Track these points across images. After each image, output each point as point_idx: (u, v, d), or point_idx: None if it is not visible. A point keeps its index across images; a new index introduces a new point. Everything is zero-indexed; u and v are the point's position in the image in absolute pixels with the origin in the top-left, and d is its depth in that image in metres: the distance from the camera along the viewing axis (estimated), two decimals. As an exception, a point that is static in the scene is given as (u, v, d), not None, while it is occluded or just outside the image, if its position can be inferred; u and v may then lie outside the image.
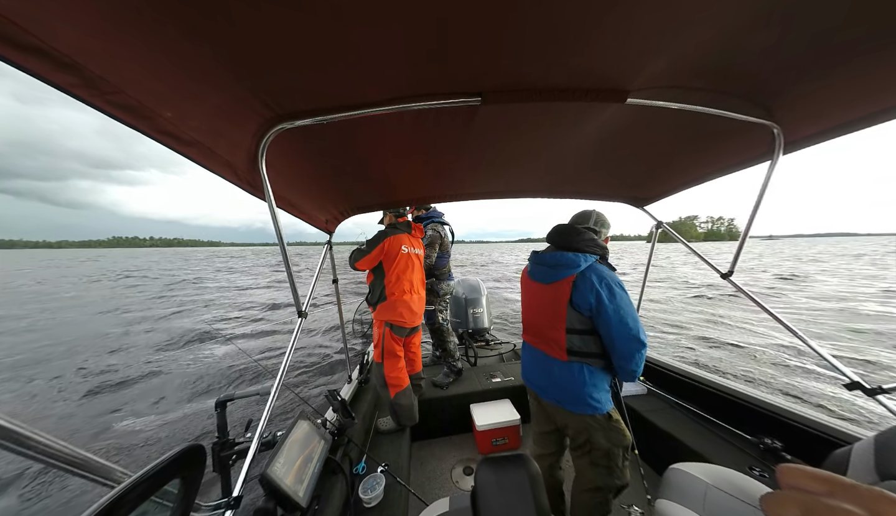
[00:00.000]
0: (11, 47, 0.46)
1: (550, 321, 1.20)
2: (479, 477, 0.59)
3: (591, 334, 1.13)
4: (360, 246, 1.89)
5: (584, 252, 1.17)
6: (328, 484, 1.28)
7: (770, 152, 1.06)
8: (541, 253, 1.31)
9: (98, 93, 0.56)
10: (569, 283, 1.13)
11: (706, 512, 0.98)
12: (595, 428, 1.15)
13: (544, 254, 1.28)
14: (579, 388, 1.14)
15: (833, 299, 10.43)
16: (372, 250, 1.80)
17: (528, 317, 1.36)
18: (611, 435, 1.15)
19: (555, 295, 1.18)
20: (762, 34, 0.64)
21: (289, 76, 0.68)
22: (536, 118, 0.97)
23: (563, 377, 1.17)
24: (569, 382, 1.16)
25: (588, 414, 1.15)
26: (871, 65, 0.71)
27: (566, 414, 1.20)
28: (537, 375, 1.29)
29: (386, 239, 1.81)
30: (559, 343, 1.17)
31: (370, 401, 2.08)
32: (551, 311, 1.19)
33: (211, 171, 0.87)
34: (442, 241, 2.41)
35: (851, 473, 0.84)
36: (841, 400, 3.82)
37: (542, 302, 1.25)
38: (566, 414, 1.20)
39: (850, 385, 1.12)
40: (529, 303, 1.36)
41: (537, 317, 1.28)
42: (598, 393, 1.14)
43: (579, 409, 1.15)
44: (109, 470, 0.67)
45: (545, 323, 1.23)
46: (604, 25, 0.58)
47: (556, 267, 1.19)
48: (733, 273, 1.39)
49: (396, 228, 1.92)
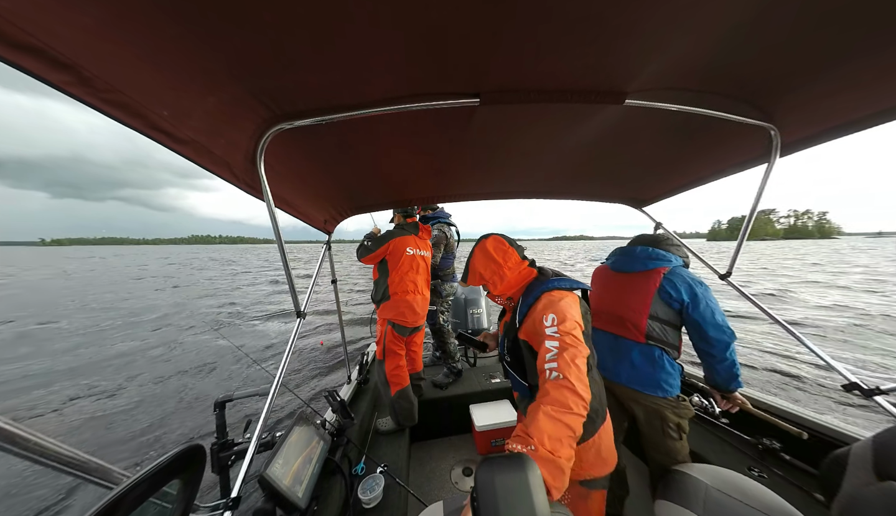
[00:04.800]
0: (8, 46, 0.45)
1: (634, 306, 1.30)
2: (479, 478, 0.59)
3: (672, 327, 1.25)
4: (367, 241, 1.92)
5: (672, 254, 1.32)
6: (327, 484, 1.28)
7: (767, 154, 1.06)
8: (628, 247, 1.43)
9: (93, 91, 0.56)
10: (659, 275, 1.26)
11: (706, 512, 0.98)
12: (665, 407, 1.27)
13: (633, 248, 1.40)
14: (656, 372, 1.25)
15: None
16: (377, 248, 1.85)
17: (601, 305, 1.44)
18: (680, 411, 1.28)
19: (643, 283, 1.29)
20: (759, 36, 0.64)
21: (288, 76, 0.68)
22: (535, 119, 0.97)
23: (640, 360, 1.28)
24: (646, 365, 1.27)
25: (660, 397, 1.26)
26: (868, 67, 0.71)
27: (637, 394, 1.30)
28: (607, 357, 1.37)
29: (392, 239, 1.84)
30: (639, 327, 1.27)
31: (369, 402, 2.08)
32: (637, 298, 1.30)
33: (207, 170, 0.86)
34: (447, 242, 2.40)
35: (850, 474, 0.84)
36: (840, 400, 3.83)
37: (626, 289, 1.35)
38: (636, 395, 1.30)
39: (847, 386, 1.12)
40: (606, 291, 1.44)
41: (615, 304, 1.38)
42: (672, 378, 1.27)
43: (652, 391, 1.26)
44: (108, 472, 0.67)
45: (627, 308, 1.32)
46: (601, 27, 0.58)
47: (647, 259, 1.32)
48: (731, 274, 1.39)
49: (404, 229, 1.94)
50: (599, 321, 1.44)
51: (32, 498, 2.63)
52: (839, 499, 0.82)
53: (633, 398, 1.32)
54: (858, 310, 9.15)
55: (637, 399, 1.31)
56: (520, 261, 1.04)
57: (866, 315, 8.65)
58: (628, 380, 1.30)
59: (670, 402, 1.27)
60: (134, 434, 3.52)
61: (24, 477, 2.81)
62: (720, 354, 1.19)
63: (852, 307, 9.58)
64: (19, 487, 2.74)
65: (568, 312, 0.86)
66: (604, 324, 1.42)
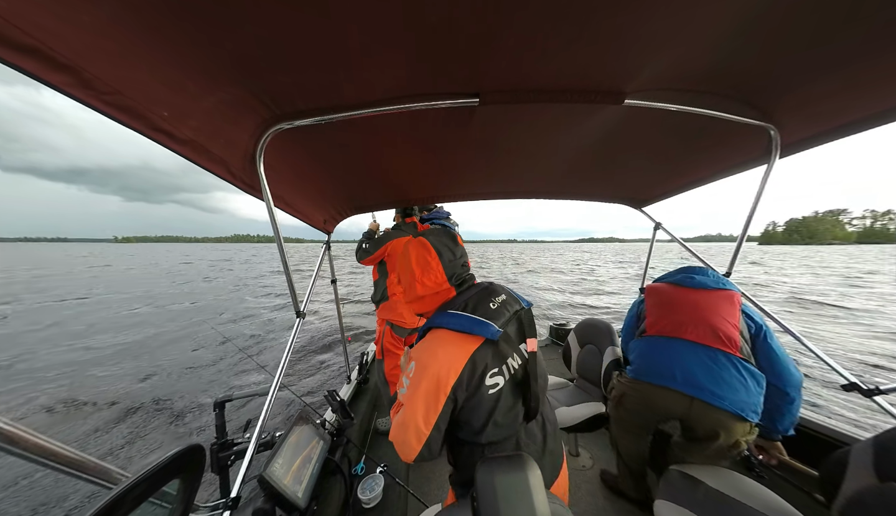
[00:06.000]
0: (10, 49, 0.46)
1: (726, 316, 1.18)
2: (479, 478, 0.59)
3: (750, 349, 1.15)
4: (364, 243, 1.93)
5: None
6: (327, 484, 1.28)
7: (767, 154, 1.06)
8: (696, 267, 1.38)
9: (94, 93, 0.56)
10: (739, 296, 1.23)
11: (705, 512, 0.98)
12: (743, 431, 1.10)
13: (701, 268, 1.37)
14: (752, 395, 1.09)
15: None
16: (375, 251, 1.86)
17: (679, 311, 1.28)
18: (750, 437, 1.13)
19: (726, 298, 1.22)
20: (759, 37, 0.64)
21: (287, 76, 0.68)
22: (534, 119, 0.97)
23: (732, 375, 1.10)
24: (737, 381, 1.09)
25: (747, 419, 1.08)
26: (868, 68, 0.71)
27: (723, 415, 1.10)
28: (687, 371, 1.17)
29: (389, 242, 1.84)
30: (733, 339, 1.13)
31: (369, 402, 2.07)
32: (726, 309, 1.20)
33: (206, 170, 0.86)
34: None
35: (850, 474, 0.84)
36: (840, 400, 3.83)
37: (711, 300, 1.24)
38: (722, 415, 1.10)
39: (847, 386, 1.12)
40: (685, 302, 1.29)
41: (700, 311, 1.23)
42: (761, 400, 1.11)
43: (739, 411, 1.08)
44: (107, 472, 0.67)
45: (717, 316, 1.18)
46: (600, 28, 0.58)
47: (719, 280, 1.28)
48: (731, 274, 1.39)
49: (402, 230, 1.94)
50: (674, 330, 1.26)
51: (31, 500, 2.63)
52: (839, 500, 0.82)
53: (714, 413, 1.12)
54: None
55: (719, 417, 1.11)
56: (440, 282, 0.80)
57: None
58: (714, 395, 1.10)
59: (747, 426, 1.10)
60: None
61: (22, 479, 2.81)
62: (794, 392, 1.10)
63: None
64: (18, 489, 2.74)
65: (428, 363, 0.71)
66: (682, 333, 1.23)
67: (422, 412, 0.70)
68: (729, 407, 1.08)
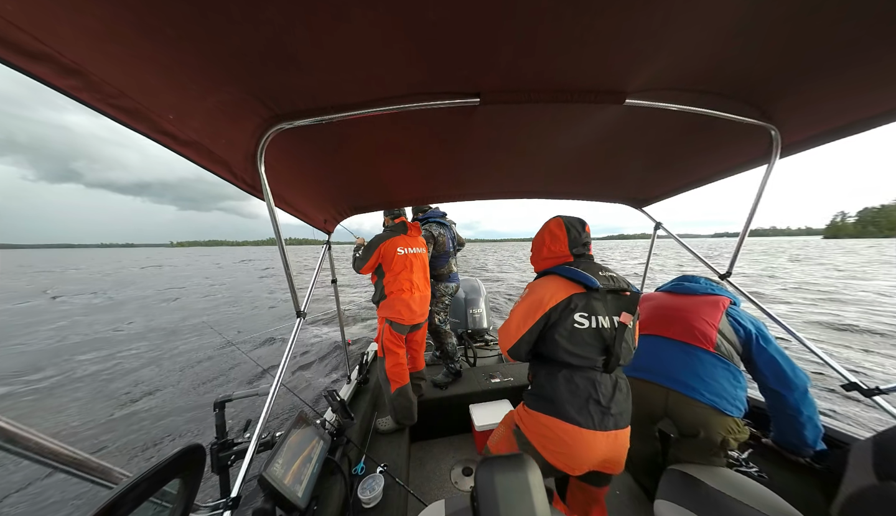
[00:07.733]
0: (20, 54, 0.46)
1: (705, 316, 1.27)
2: (479, 478, 0.59)
3: (735, 351, 1.21)
4: (356, 251, 1.96)
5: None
6: (327, 484, 1.28)
7: (768, 155, 1.06)
8: (689, 276, 1.50)
9: (101, 96, 0.57)
10: (727, 301, 1.29)
11: (705, 512, 0.98)
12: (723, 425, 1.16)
13: (695, 277, 1.47)
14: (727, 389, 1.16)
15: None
16: (368, 257, 1.87)
17: (664, 313, 1.40)
18: (738, 436, 1.18)
19: (712, 302, 1.30)
20: (760, 36, 0.64)
21: (288, 77, 0.68)
22: (535, 119, 0.97)
23: (707, 370, 1.19)
24: (711, 376, 1.18)
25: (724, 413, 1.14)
26: (869, 68, 0.71)
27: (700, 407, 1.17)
28: (665, 364, 1.29)
29: (381, 244, 1.86)
30: (709, 337, 1.22)
31: (369, 402, 2.08)
32: (707, 311, 1.28)
33: (208, 170, 0.87)
34: (436, 242, 2.36)
35: (850, 474, 0.84)
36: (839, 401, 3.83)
37: (695, 303, 1.34)
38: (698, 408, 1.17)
39: (847, 385, 1.12)
40: (671, 305, 1.41)
41: (682, 312, 1.34)
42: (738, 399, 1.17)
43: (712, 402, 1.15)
44: (108, 471, 0.67)
45: (696, 316, 1.28)
46: (601, 27, 0.58)
47: (711, 286, 1.39)
48: (731, 274, 1.39)
49: (392, 231, 1.95)
50: (659, 329, 1.37)
51: (31, 500, 2.62)
52: (839, 499, 0.82)
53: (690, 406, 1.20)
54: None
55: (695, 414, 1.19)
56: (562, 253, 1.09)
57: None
58: (692, 389, 1.18)
59: (729, 421, 1.16)
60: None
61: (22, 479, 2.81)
62: (798, 395, 1.11)
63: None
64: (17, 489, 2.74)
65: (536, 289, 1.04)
66: (666, 331, 1.34)
67: (518, 319, 1.02)
68: (702, 400, 1.16)
